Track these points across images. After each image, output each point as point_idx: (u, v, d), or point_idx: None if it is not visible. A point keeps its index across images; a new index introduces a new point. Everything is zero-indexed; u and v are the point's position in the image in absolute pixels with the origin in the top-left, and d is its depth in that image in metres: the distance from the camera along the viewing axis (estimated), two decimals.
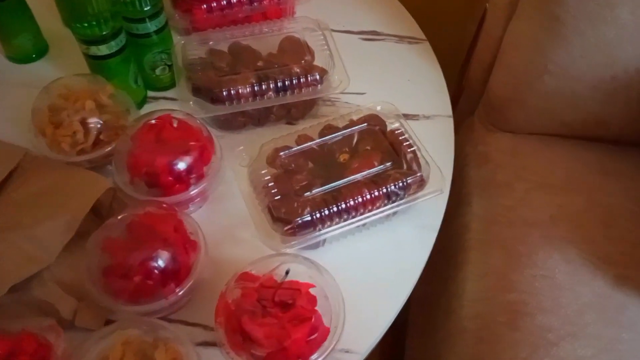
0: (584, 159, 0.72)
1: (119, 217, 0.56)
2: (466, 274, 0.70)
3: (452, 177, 0.71)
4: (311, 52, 0.74)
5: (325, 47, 0.74)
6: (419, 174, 0.62)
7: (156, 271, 0.52)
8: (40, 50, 0.78)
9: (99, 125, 0.63)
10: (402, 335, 0.92)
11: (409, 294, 0.62)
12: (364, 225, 0.63)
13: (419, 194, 0.63)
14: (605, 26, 0.61)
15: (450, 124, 0.75)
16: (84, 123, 0.63)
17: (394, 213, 0.64)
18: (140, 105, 0.73)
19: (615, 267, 0.62)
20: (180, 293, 0.53)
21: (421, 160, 0.64)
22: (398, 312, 0.61)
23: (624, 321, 0.60)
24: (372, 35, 0.85)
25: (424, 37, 0.85)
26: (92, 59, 0.67)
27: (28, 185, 0.59)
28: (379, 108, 0.69)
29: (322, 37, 0.75)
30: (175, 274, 0.53)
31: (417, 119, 0.76)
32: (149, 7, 0.67)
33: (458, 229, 0.76)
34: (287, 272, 0.52)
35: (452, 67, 0.92)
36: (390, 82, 0.79)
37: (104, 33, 0.64)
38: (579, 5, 0.61)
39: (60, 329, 0.50)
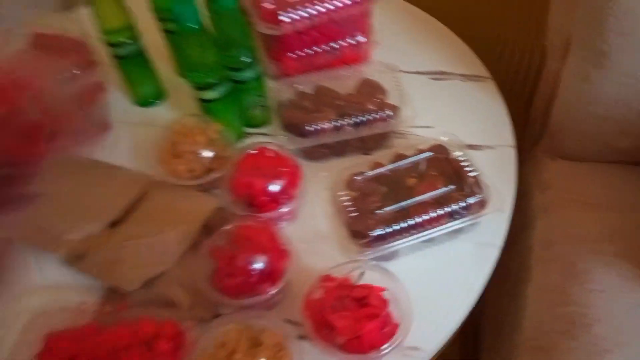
0: (636, 182, 0.77)
1: (224, 230, 0.68)
2: (529, 290, 0.76)
3: (518, 203, 0.78)
4: (384, 92, 0.85)
5: (396, 87, 0.85)
6: (479, 196, 0.70)
7: (254, 273, 0.63)
8: (159, 96, 0.93)
9: (209, 156, 0.77)
10: (478, 346, 0.98)
11: (472, 304, 0.69)
12: (430, 240, 0.71)
13: (480, 213, 0.71)
14: None
15: (511, 152, 0.83)
16: (197, 154, 0.76)
17: (458, 231, 0.72)
18: (241, 139, 0.86)
19: None
20: (275, 291, 0.63)
21: (482, 184, 0.72)
22: (463, 318, 0.69)
23: None
24: (440, 75, 0.95)
25: (488, 75, 0.94)
26: (203, 102, 0.80)
27: (154, 204, 0.73)
28: (444, 139, 0.78)
29: (393, 78, 0.86)
30: (270, 275, 0.64)
31: (481, 149, 0.84)
32: (248, 59, 0.80)
33: (522, 250, 0.82)
34: (361, 274, 0.62)
35: (517, 101, 0.99)
36: (457, 117, 0.88)
37: (213, 81, 0.78)
38: (620, 40, 0.67)
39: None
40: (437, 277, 0.71)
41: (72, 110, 0.78)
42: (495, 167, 0.79)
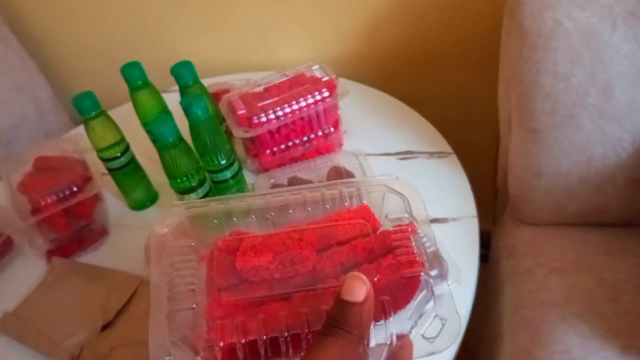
0: (592, 242, 0.82)
1: None
2: (502, 356, 0.80)
3: (488, 270, 0.83)
4: (350, 175, 0.92)
5: (361, 170, 0.93)
6: (436, 270, 0.76)
7: None
8: (152, 198, 1.02)
9: None
10: None
11: None
12: None
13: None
14: (573, 133, 0.74)
15: (475, 223, 0.89)
16: None
17: None
18: None
19: (623, 338, 0.70)
20: None
21: (440, 259, 0.77)
22: None
23: None
24: (406, 155, 1.02)
25: (451, 150, 1.01)
26: None
27: (142, 305, 0.80)
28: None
29: (358, 163, 0.94)
30: None
31: (446, 222, 0.89)
32: (224, 161, 0.89)
33: (494, 316, 0.86)
34: None
35: (483, 173, 1.06)
36: (423, 193, 0.95)
37: (193, 184, 0.87)
38: (547, 119, 0.74)
39: None
40: None
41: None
42: (460, 238, 0.85)
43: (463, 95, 1.23)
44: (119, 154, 0.93)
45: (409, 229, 0.46)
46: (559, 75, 0.71)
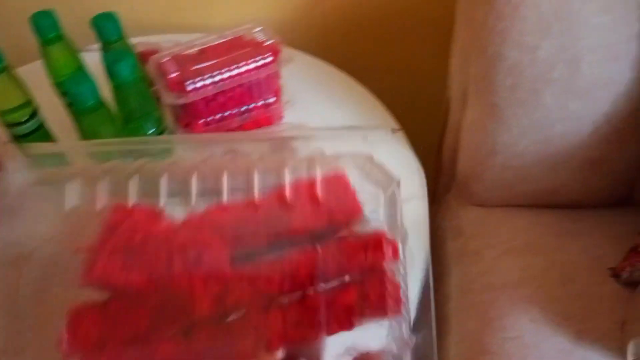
0: (543, 223, 0.80)
1: None
2: (448, 342, 0.77)
3: (434, 251, 0.79)
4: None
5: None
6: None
7: None
8: None
9: None
10: None
11: None
12: None
13: None
14: (534, 110, 0.71)
15: (424, 204, 0.84)
16: None
17: None
18: None
19: (576, 323, 0.69)
20: None
21: None
22: None
23: None
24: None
25: (397, 126, 0.96)
26: None
27: None
28: None
29: None
30: None
31: None
32: (153, 129, 0.79)
33: (441, 299, 0.83)
34: None
35: (429, 151, 1.02)
36: None
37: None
38: (509, 94, 0.71)
39: None
40: None
41: None
42: (409, 219, 0.80)
43: (411, 70, 1.19)
44: (25, 118, 0.81)
45: (387, 250, 0.31)
46: (526, 47, 0.67)
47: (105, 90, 0.75)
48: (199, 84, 0.83)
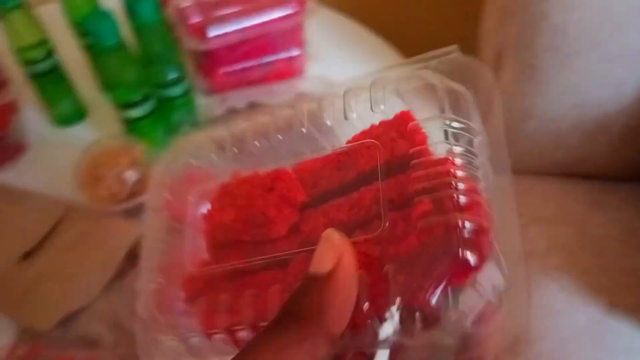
0: (574, 193, 0.78)
1: None
2: None
3: None
4: None
5: None
6: None
7: None
8: (79, 114, 0.87)
9: (133, 179, 0.72)
10: None
11: None
12: None
13: None
14: (575, 73, 0.68)
15: None
16: (120, 177, 0.71)
17: None
18: None
19: (607, 295, 0.67)
20: None
21: None
22: None
23: (616, 346, 0.65)
24: None
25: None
26: (126, 121, 0.75)
27: (71, 232, 0.67)
28: None
29: None
30: None
31: None
32: (174, 75, 0.76)
33: None
34: None
35: None
36: None
37: (136, 99, 0.73)
38: (550, 55, 0.68)
39: None
40: None
41: None
42: None
43: (439, 33, 1.15)
44: (42, 57, 0.77)
45: (456, 160, 0.26)
46: (571, 6, 0.64)
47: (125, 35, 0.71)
48: (221, 31, 0.80)
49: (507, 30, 0.73)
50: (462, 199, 0.24)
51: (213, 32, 0.79)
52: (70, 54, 0.84)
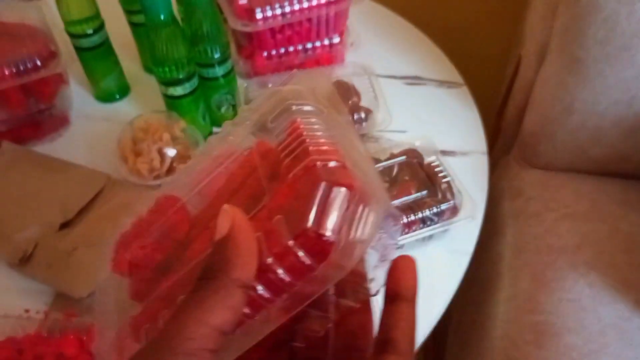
0: (608, 191, 0.77)
1: None
2: (498, 298, 0.75)
3: (488, 210, 0.77)
4: (358, 94, 0.83)
5: (371, 90, 0.83)
6: (452, 202, 0.69)
7: None
8: (123, 90, 0.89)
9: (172, 155, 0.73)
10: (442, 356, 0.97)
11: (442, 311, 0.68)
12: (401, 246, 0.69)
13: (452, 220, 0.69)
14: (623, 67, 0.67)
15: (484, 159, 0.82)
16: (160, 152, 0.73)
17: (430, 237, 0.70)
18: (206, 138, 0.83)
19: (636, 292, 0.66)
20: None
21: (454, 190, 0.70)
22: (433, 326, 0.67)
23: None
24: (414, 80, 0.93)
25: (462, 81, 0.93)
26: (168, 98, 0.77)
27: (110, 204, 0.69)
28: (417, 143, 0.76)
29: (368, 81, 0.84)
30: None
31: (454, 155, 0.82)
32: (218, 55, 0.77)
33: (493, 257, 0.81)
34: None
35: (489, 109, 0.99)
36: (430, 122, 0.87)
37: (180, 76, 0.75)
38: (598, 48, 0.67)
39: None
40: None
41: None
42: (468, 173, 0.78)
43: (477, 28, 1.14)
44: (91, 31, 0.80)
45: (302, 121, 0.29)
46: None
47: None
48: (268, 13, 0.81)
49: (554, 22, 0.73)
50: (315, 148, 0.28)
51: (260, 14, 0.80)
52: (117, 30, 0.85)
